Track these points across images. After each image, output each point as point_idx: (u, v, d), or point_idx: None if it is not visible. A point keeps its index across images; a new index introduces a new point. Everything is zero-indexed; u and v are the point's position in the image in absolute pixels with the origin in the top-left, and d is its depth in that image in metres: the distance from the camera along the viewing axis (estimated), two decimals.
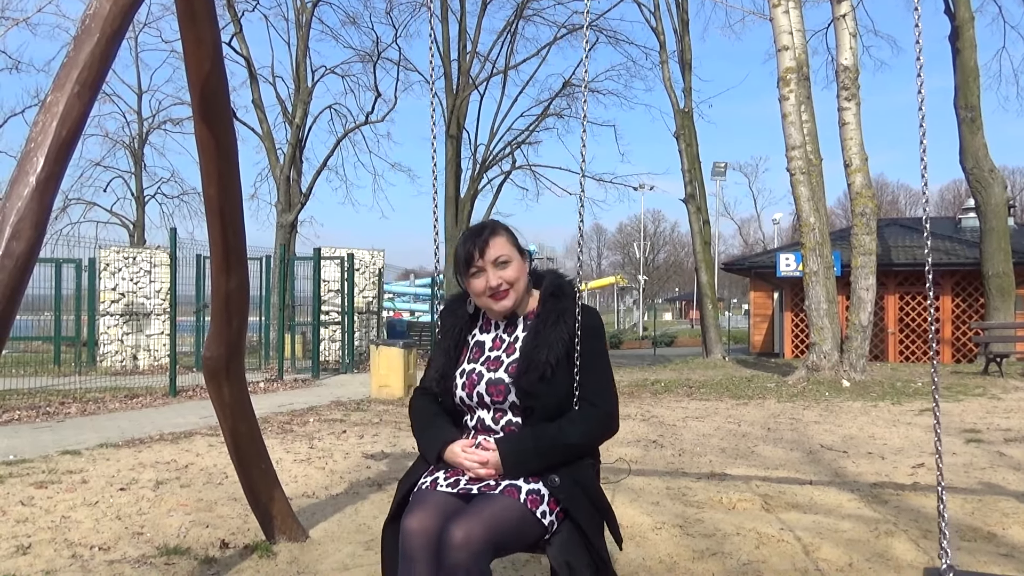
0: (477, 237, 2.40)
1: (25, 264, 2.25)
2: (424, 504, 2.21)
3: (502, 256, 2.38)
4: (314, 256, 15.59)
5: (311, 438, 7.17)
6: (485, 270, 2.37)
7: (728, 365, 18.60)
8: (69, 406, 9.65)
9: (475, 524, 2.08)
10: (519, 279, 2.40)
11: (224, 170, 3.16)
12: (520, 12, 24.43)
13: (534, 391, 2.31)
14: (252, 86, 24.04)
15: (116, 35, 2.46)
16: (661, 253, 79.13)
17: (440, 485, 2.29)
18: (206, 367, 3.49)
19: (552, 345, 2.34)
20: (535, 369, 2.32)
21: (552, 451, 2.28)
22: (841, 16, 13.99)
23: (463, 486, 2.27)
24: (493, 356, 2.43)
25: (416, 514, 2.17)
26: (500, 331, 2.48)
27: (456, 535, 2.05)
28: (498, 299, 2.39)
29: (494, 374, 2.38)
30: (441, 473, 2.34)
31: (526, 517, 2.19)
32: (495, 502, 2.19)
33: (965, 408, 9.49)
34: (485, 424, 2.40)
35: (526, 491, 2.23)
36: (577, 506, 2.25)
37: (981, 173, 17.16)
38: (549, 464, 2.28)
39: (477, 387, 2.39)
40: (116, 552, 3.75)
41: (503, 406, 2.37)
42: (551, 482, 2.25)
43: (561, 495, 2.25)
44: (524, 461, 2.26)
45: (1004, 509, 4.56)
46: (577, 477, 2.30)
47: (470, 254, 2.38)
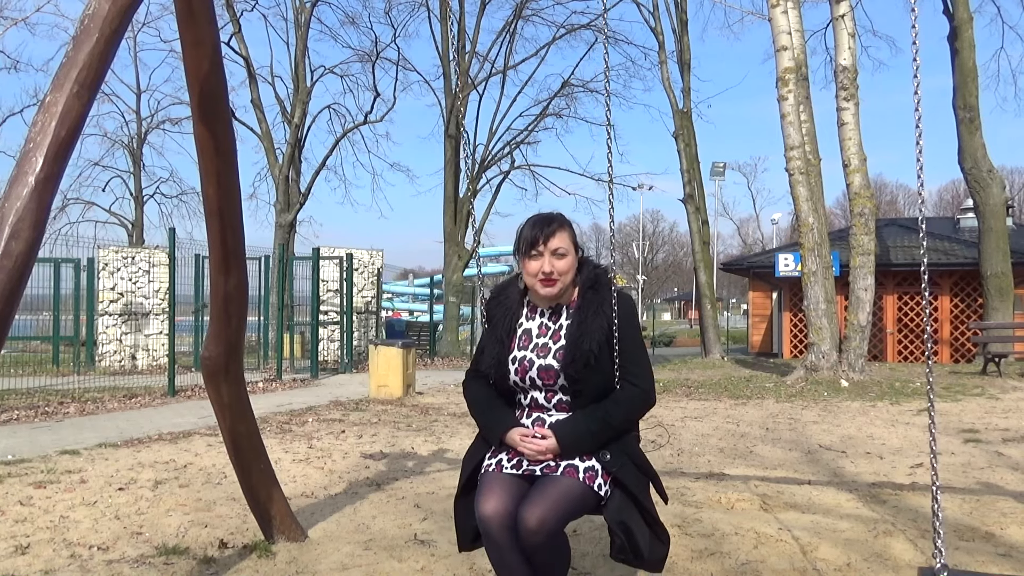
0: (546, 225, 2.63)
1: (24, 264, 2.25)
2: (493, 488, 2.48)
3: (561, 248, 2.62)
4: (313, 256, 15.58)
5: (310, 438, 7.17)
6: (543, 256, 2.60)
7: (727, 365, 18.61)
8: (68, 406, 9.65)
9: (546, 508, 2.37)
10: (569, 272, 2.65)
11: (223, 170, 3.16)
12: (519, 12, 24.40)
13: (580, 376, 2.57)
14: (251, 86, 24.02)
15: (115, 35, 2.45)
16: (660, 253, 79.14)
17: (505, 467, 2.56)
18: (205, 367, 3.49)
19: (594, 335, 2.58)
20: (581, 358, 2.57)
21: (601, 431, 2.55)
22: (840, 16, 13.99)
23: (526, 468, 2.55)
24: (541, 343, 2.67)
25: (489, 499, 2.44)
26: (545, 319, 2.73)
27: (530, 521, 2.33)
28: (546, 284, 2.62)
29: (543, 360, 2.63)
30: (504, 455, 2.60)
31: (586, 492, 2.49)
32: (558, 483, 2.47)
33: (963, 408, 9.50)
34: (538, 402, 2.66)
35: (583, 469, 2.52)
36: (627, 474, 2.55)
37: (979, 173, 17.18)
38: (600, 443, 2.56)
39: (529, 372, 2.63)
40: (115, 552, 3.75)
41: (554, 387, 2.63)
42: (603, 457, 2.55)
43: (613, 467, 2.54)
44: (578, 444, 2.54)
45: (1002, 509, 4.56)
46: (624, 449, 2.60)
47: (536, 238, 2.61)
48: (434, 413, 9.19)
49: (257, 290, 15.92)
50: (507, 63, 25.05)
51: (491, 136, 24.81)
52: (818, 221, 13.55)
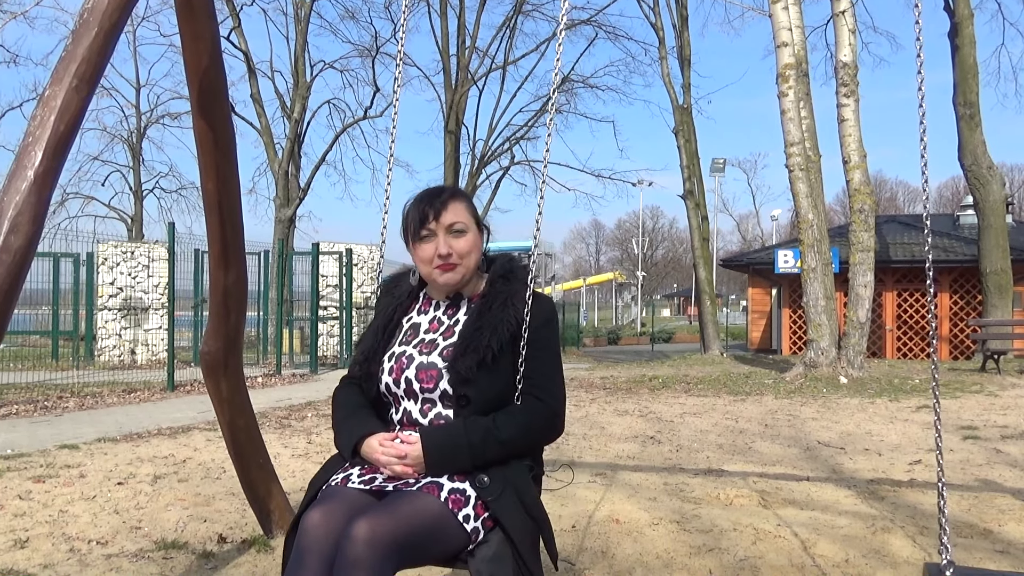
0: (435, 198, 2.11)
1: (23, 258, 2.24)
2: (329, 500, 1.93)
3: (458, 223, 2.10)
4: (312, 251, 15.58)
5: (309, 433, 7.17)
6: (437, 235, 2.09)
7: (726, 361, 18.62)
8: (67, 400, 9.65)
9: (384, 519, 1.80)
10: (471, 254, 2.12)
11: (222, 164, 3.16)
12: (519, 7, 24.40)
13: (471, 377, 2.02)
14: (251, 81, 24.01)
15: (114, 29, 2.45)
16: (659, 249, 79.20)
17: (352, 482, 2.01)
18: (204, 362, 3.49)
19: (496, 328, 2.06)
20: (474, 352, 2.03)
21: (484, 447, 1.98)
22: (840, 12, 13.98)
23: (378, 483, 1.99)
24: (428, 339, 2.14)
25: (319, 509, 1.88)
26: (440, 312, 2.21)
27: (360, 529, 1.76)
28: (444, 270, 2.10)
29: (426, 357, 2.09)
30: (356, 470, 2.05)
31: (445, 519, 1.89)
32: (411, 498, 1.91)
33: (962, 405, 9.51)
34: (412, 417, 2.09)
35: (449, 489, 1.94)
36: (508, 513, 1.94)
37: (980, 170, 17.17)
38: (479, 462, 1.98)
39: (405, 372, 2.09)
40: (114, 546, 3.75)
41: (433, 395, 2.07)
42: (479, 482, 1.96)
43: (490, 498, 1.94)
44: (450, 456, 1.97)
45: (1001, 506, 4.57)
46: (511, 479, 2.00)
47: (424, 215, 2.10)
48: None
49: (256, 285, 15.90)
50: (507, 58, 25.09)
51: (491, 132, 24.85)
52: (818, 217, 13.54)
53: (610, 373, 14.91)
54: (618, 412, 8.79)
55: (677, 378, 13.41)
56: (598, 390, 11.16)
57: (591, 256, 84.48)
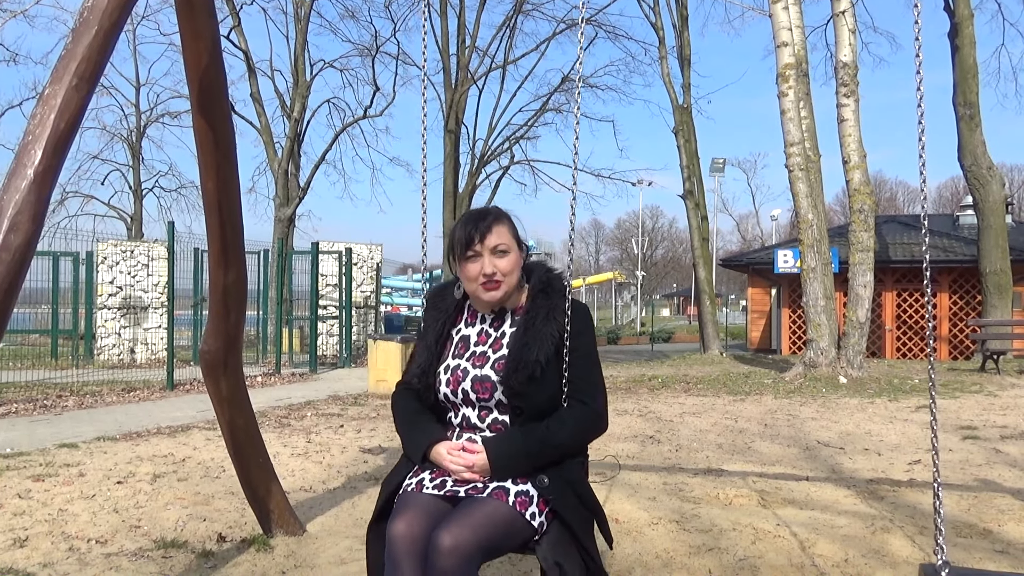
0: (480, 221, 2.30)
1: (22, 257, 2.24)
2: (410, 507, 2.15)
3: (501, 245, 2.29)
4: (312, 250, 15.57)
5: (308, 432, 7.17)
6: (482, 256, 2.28)
7: (725, 361, 18.62)
8: (66, 399, 9.65)
9: (464, 529, 2.03)
10: (513, 272, 2.32)
11: (222, 164, 3.16)
12: (519, 7, 24.36)
13: (523, 391, 2.23)
14: (250, 80, 23.98)
15: (114, 28, 2.45)
16: (659, 249, 79.15)
17: (426, 487, 2.22)
18: (203, 361, 3.49)
19: (542, 343, 2.26)
20: (524, 368, 2.23)
21: (541, 452, 2.22)
22: (840, 12, 13.97)
23: (450, 488, 2.20)
24: (479, 352, 2.34)
25: (402, 518, 2.11)
26: (486, 325, 2.39)
27: (444, 541, 1.99)
28: (489, 288, 2.30)
29: (480, 371, 2.30)
30: (427, 474, 2.26)
31: (515, 519, 2.13)
32: (483, 505, 2.12)
33: (962, 405, 9.51)
34: (471, 422, 2.31)
35: (515, 493, 2.17)
36: (566, 506, 2.20)
37: (979, 170, 17.16)
38: (537, 465, 2.22)
39: (462, 384, 2.30)
40: (113, 545, 3.75)
41: (489, 404, 2.29)
42: (540, 483, 2.20)
43: (550, 495, 2.19)
44: (512, 463, 2.20)
45: (1000, 506, 4.57)
46: (566, 476, 2.25)
47: (470, 237, 2.28)
48: None
49: (256, 284, 15.90)
50: (507, 58, 25.06)
51: (491, 131, 24.82)
52: (817, 217, 13.54)
53: (610, 373, 14.91)
54: (618, 412, 8.79)
55: (677, 378, 13.41)
56: None
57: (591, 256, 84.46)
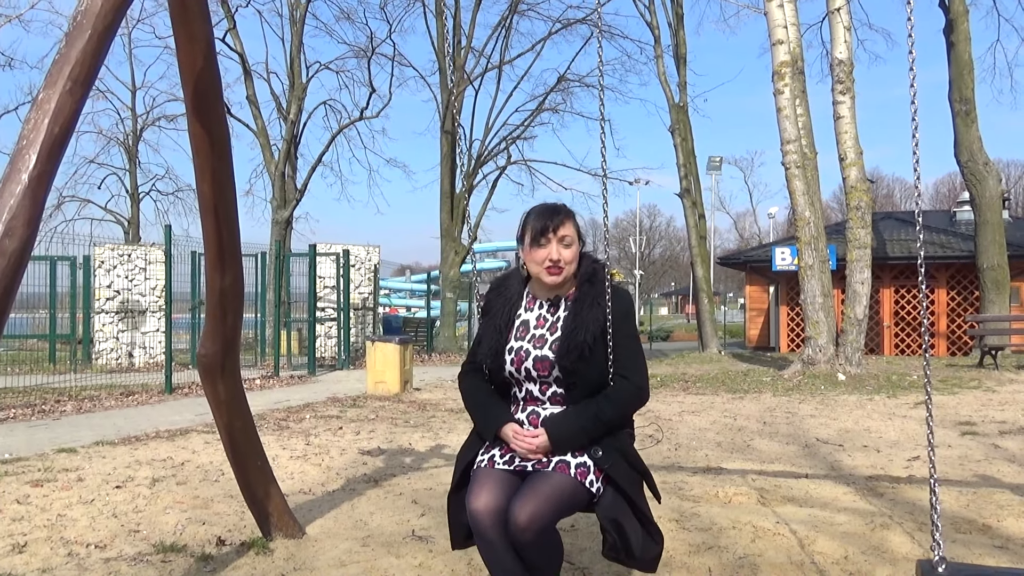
0: (555, 215, 2.68)
1: (18, 262, 2.24)
2: (485, 483, 2.49)
3: (568, 237, 2.67)
4: (310, 252, 15.56)
5: (307, 435, 7.16)
6: (551, 243, 2.65)
7: (724, 359, 18.63)
8: (65, 404, 9.64)
9: (537, 503, 2.38)
10: (574, 262, 2.70)
11: (218, 167, 3.15)
12: (514, 6, 24.34)
13: (575, 368, 2.59)
14: (246, 82, 23.96)
15: (108, 31, 2.44)
16: (657, 248, 79.20)
17: (497, 463, 2.58)
18: (201, 364, 3.48)
19: (589, 327, 2.61)
20: (575, 349, 2.59)
21: (594, 428, 2.56)
22: (835, 10, 13.98)
23: (518, 463, 2.56)
24: (538, 335, 2.70)
25: (480, 495, 2.45)
26: (544, 311, 2.76)
27: (520, 517, 2.34)
28: (552, 272, 2.67)
29: (540, 351, 2.65)
30: (496, 451, 2.62)
31: (578, 488, 2.50)
32: (550, 479, 2.47)
33: (960, 401, 9.52)
34: (533, 395, 2.68)
35: (575, 465, 2.53)
36: (619, 471, 2.55)
37: (976, 166, 17.19)
38: (592, 439, 2.56)
39: (525, 363, 2.65)
40: (112, 550, 3.74)
41: (548, 379, 2.65)
42: (595, 453, 2.55)
43: (604, 464, 2.54)
44: (570, 440, 2.55)
45: (999, 501, 4.57)
46: (617, 445, 2.60)
47: (545, 227, 2.65)
48: (431, 409, 9.19)
49: (254, 287, 15.89)
50: (503, 58, 25.03)
51: (487, 131, 24.80)
52: (814, 215, 13.55)
53: None
54: None
55: (675, 376, 13.42)
56: None
57: None
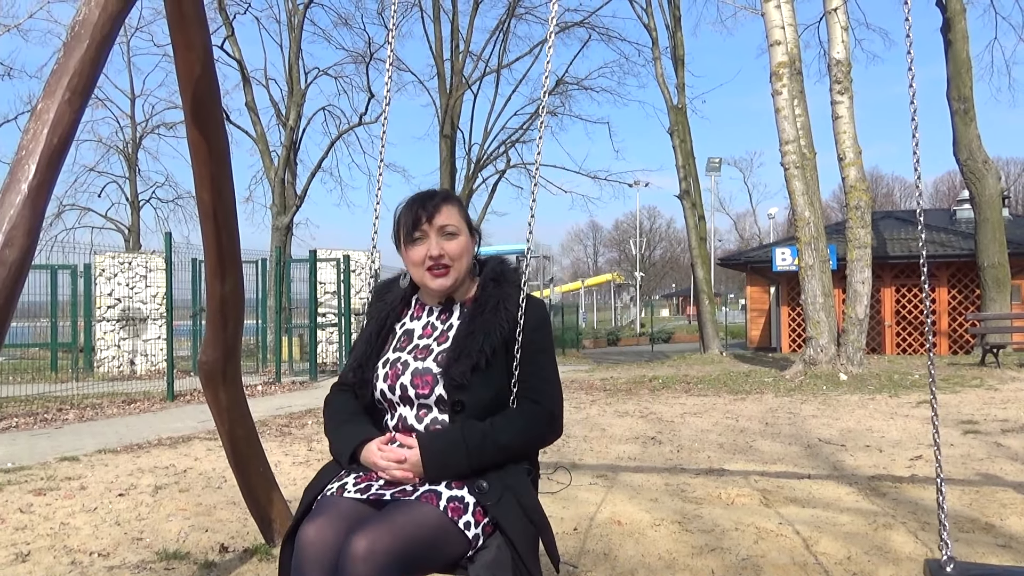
0: (427, 201, 2.13)
1: (18, 272, 2.24)
2: (326, 512, 1.90)
3: (450, 226, 2.12)
4: (310, 258, 15.57)
5: (310, 440, 7.16)
6: (429, 237, 2.11)
7: (725, 360, 18.62)
8: (67, 412, 9.64)
9: (383, 533, 1.78)
10: (463, 258, 2.13)
11: (217, 174, 3.15)
12: (512, 10, 24.42)
13: (465, 382, 2.03)
14: (245, 89, 24.02)
15: (106, 41, 2.45)
16: (657, 249, 79.26)
17: (348, 491, 1.97)
18: (202, 371, 3.49)
19: (489, 332, 2.07)
20: (468, 357, 2.04)
21: (482, 450, 1.99)
22: (832, 10, 14.00)
23: (375, 491, 1.96)
24: (422, 344, 2.15)
25: (315, 522, 1.86)
26: (433, 318, 2.21)
27: (358, 545, 1.75)
28: (436, 275, 2.12)
29: (421, 363, 2.09)
30: (351, 478, 2.03)
31: (446, 528, 1.88)
32: (409, 509, 1.89)
33: (962, 399, 9.51)
34: (407, 423, 2.10)
35: (447, 497, 1.93)
36: (508, 517, 1.94)
37: (975, 164, 17.18)
38: (478, 466, 1.98)
39: (401, 378, 2.09)
40: (115, 558, 3.74)
41: (428, 401, 2.07)
42: (478, 488, 1.96)
43: (489, 503, 1.94)
44: (448, 460, 1.96)
45: (1002, 500, 4.57)
46: (509, 483, 2.00)
47: (417, 217, 2.11)
48: None
49: (255, 293, 15.89)
50: (501, 62, 25.13)
51: (486, 135, 24.89)
52: (814, 215, 13.56)
53: (610, 374, 14.90)
54: (618, 413, 8.79)
55: (677, 378, 13.41)
56: (598, 392, 11.15)
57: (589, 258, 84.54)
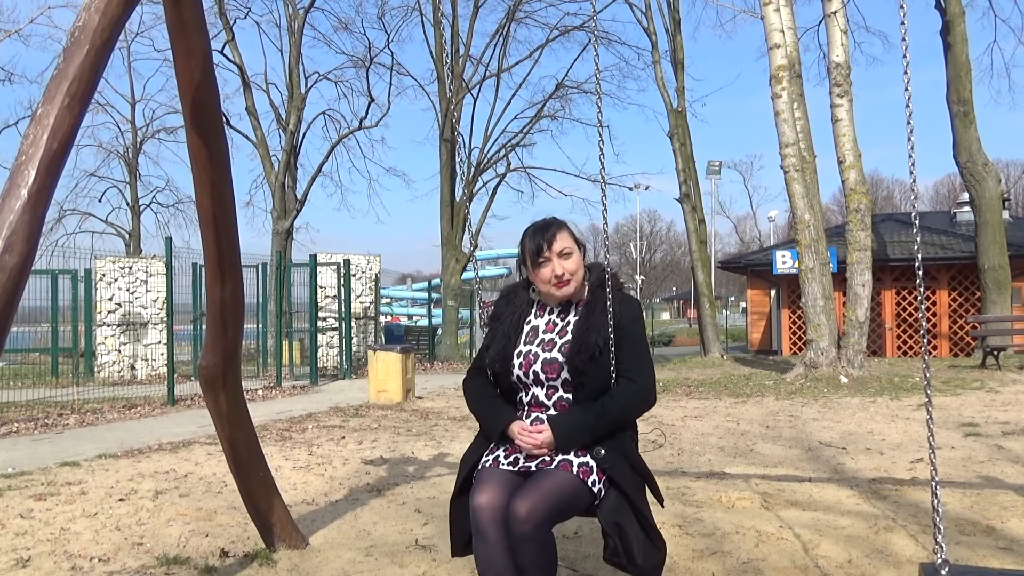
0: (546, 231, 2.69)
1: (18, 277, 2.25)
2: (489, 482, 2.50)
3: (566, 248, 2.69)
4: (310, 262, 15.58)
5: (310, 445, 7.16)
6: (551, 260, 2.68)
7: (726, 363, 18.61)
8: (67, 417, 9.63)
9: (536, 498, 2.38)
10: (579, 270, 2.72)
11: (216, 179, 3.16)
12: (512, 14, 24.40)
13: (585, 369, 2.60)
14: (245, 93, 24.00)
15: (105, 46, 2.46)
16: (658, 253, 79.19)
17: (501, 463, 2.59)
18: (202, 376, 3.49)
19: (600, 329, 2.62)
20: (586, 349, 2.60)
21: (598, 425, 2.56)
22: (832, 13, 14.02)
23: (522, 464, 2.58)
24: (547, 339, 2.72)
25: (483, 491, 2.46)
26: (553, 316, 2.78)
27: (520, 510, 2.34)
28: (560, 286, 2.69)
29: (549, 354, 2.67)
30: (501, 452, 2.63)
31: (579, 487, 2.50)
32: (552, 476, 2.49)
33: (963, 402, 9.50)
34: (539, 400, 2.69)
35: (577, 464, 2.54)
36: (621, 473, 2.54)
37: (975, 167, 17.19)
38: (596, 437, 2.56)
39: (533, 366, 2.67)
40: (116, 563, 3.74)
41: (556, 383, 2.66)
42: (597, 454, 2.55)
43: (607, 464, 2.54)
44: (573, 435, 2.55)
45: (1003, 502, 4.56)
46: (619, 448, 2.59)
47: (539, 246, 2.68)
48: (434, 417, 9.18)
49: (255, 297, 15.89)
50: (501, 66, 25.08)
51: (486, 139, 24.83)
52: (814, 218, 13.56)
53: None
54: None
55: (678, 381, 13.40)
56: None
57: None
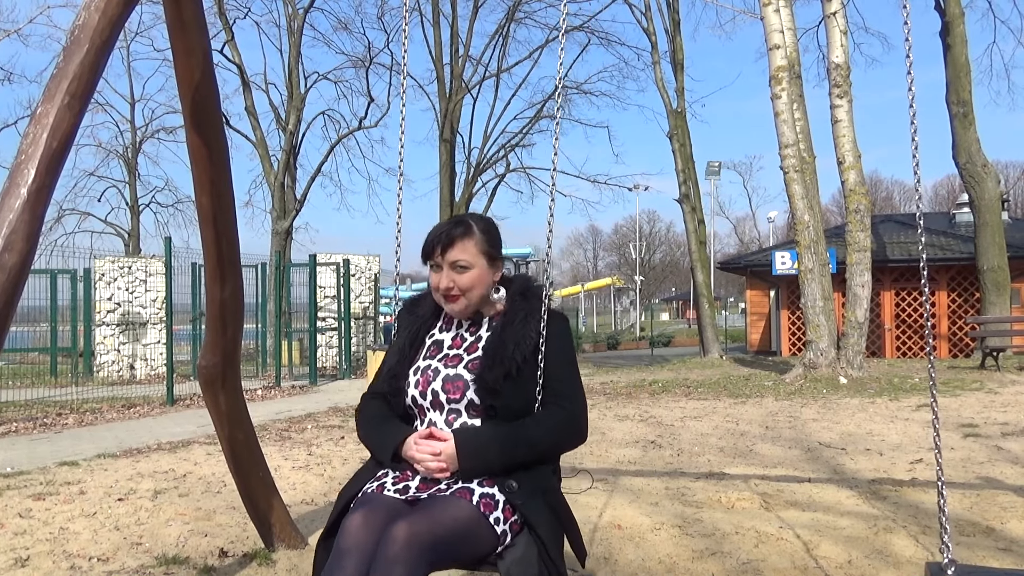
0: (443, 234, 2.23)
1: (17, 276, 2.25)
2: (367, 505, 2.01)
3: (461, 261, 2.21)
4: (310, 262, 15.57)
5: (309, 445, 7.16)
6: (442, 268, 2.22)
7: (726, 364, 18.61)
8: (66, 417, 9.63)
9: (422, 522, 1.91)
10: (474, 289, 2.23)
11: (216, 178, 3.16)
12: (512, 15, 24.42)
13: (498, 388, 2.13)
14: (245, 93, 23.99)
15: (105, 46, 2.46)
16: (657, 253, 79.14)
17: (388, 490, 2.09)
18: (202, 376, 3.49)
19: (519, 342, 2.18)
20: (501, 365, 2.15)
21: (514, 448, 2.09)
22: (831, 14, 14.02)
23: (413, 493, 2.07)
24: (452, 354, 2.26)
25: (360, 513, 1.97)
26: (462, 330, 2.32)
27: (399, 530, 1.87)
28: (448, 300, 2.25)
29: (452, 370, 2.20)
30: (389, 479, 2.13)
31: (478, 522, 1.99)
32: (445, 502, 2.01)
33: (962, 403, 9.51)
34: (438, 428, 2.19)
35: (479, 494, 2.04)
36: (536, 515, 2.04)
37: (974, 168, 17.19)
38: (508, 463, 2.08)
39: (432, 384, 2.20)
40: (115, 563, 3.74)
41: (459, 406, 2.17)
42: (508, 487, 2.06)
43: (518, 501, 2.05)
44: (481, 455, 2.06)
45: (1002, 503, 4.56)
46: (537, 482, 2.11)
47: (431, 247, 2.24)
48: None
49: (254, 297, 15.89)
50: (500, 66, 25.12)
51: (486, 139, 24.86)
52: (814, 219, 13.56)
53: (610, 378, 14.90)
54: (619, 417, 8.78)
55: (677, 382, 13.40)
56: (598, 395, 11.15)
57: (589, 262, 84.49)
